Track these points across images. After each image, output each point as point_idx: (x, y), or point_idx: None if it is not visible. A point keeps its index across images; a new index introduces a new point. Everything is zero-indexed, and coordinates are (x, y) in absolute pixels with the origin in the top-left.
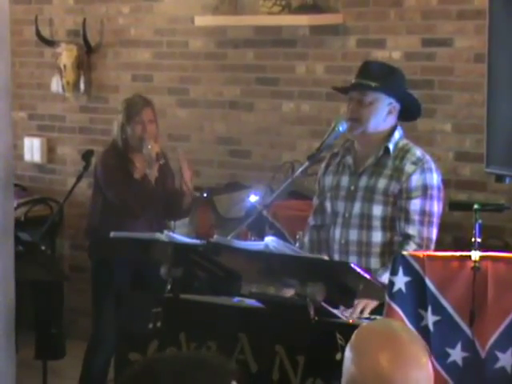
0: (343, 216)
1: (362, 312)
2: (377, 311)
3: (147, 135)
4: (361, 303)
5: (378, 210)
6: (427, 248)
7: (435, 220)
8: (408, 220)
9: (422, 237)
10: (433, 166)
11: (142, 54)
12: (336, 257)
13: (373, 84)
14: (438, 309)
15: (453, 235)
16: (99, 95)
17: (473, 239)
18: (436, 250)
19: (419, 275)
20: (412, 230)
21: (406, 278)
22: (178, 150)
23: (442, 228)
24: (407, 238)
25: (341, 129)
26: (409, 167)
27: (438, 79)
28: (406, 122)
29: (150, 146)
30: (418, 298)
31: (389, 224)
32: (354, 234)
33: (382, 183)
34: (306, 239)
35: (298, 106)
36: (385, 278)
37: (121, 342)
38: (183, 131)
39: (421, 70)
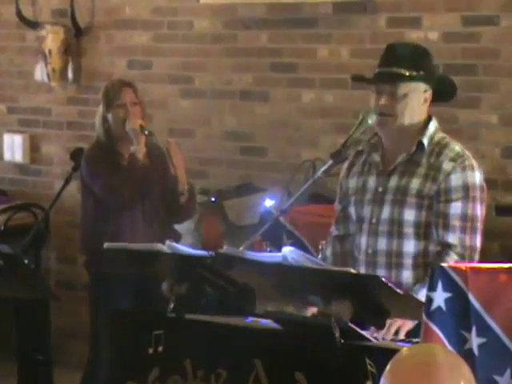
0: (370, 222)
1: (396, 333)
2: (414, 332)
3: (130, 116)
4: (395, 323)
5: (410, 215)
6: (471, 258)
7: (479, 225)
8: (447, 226)
9: (465, 245)
10: (474, 163)
11: (140, 37)
12: (362, 269)
13: (407, 73)
14: (484, 329)
15: (500, 244)
16: (90, 84)
17: None
18: (481, 260)
19: (462, 290)
20: (453, 239)
21: (447, 294)
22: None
23: (488, 235)
24: (447, 247)
25: (370, 121)
26: (447, 165)
27: (482, 63)
28: (445, 114)
29: (132, 121)
30: (460, 317)
31: (423, 231)
32: (382, 243)
33: (415, 184)
34: (329, 252)
35: (320, 95)
36: (422, 295)
37: (117, 369)
38: (187, 125)
39: (462, 52)
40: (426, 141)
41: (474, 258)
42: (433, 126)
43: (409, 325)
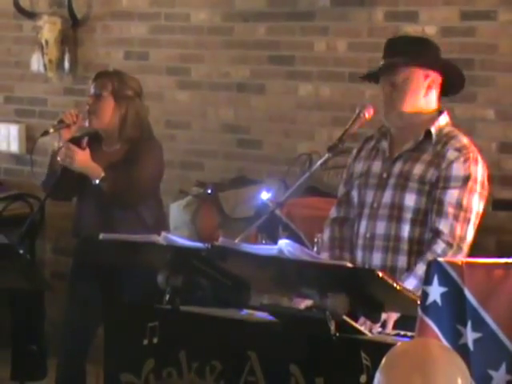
0: (371, 206)
1: (383, 326)
2: (401, 323)
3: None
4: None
5: (410, 200)
6: (459, 248)
7: (473, 218)
8: (440, 213)
9: (454, 234)
10: (479, 158)
11: (137, 28)
12: (359, 253)
13: (401, 60)
14: (479, 324)
15: (496, 239)
16: (86, 75)
17: None
18: (477, 255)
19: (457, 285)
20: (443, 225)
21: (442, 289)
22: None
23: (485, 230)
24: (436, 235)
25: (367, 115)
26: (451, 153)
27: (480, 58)
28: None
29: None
30: (455, 312)
31: (421, 218)
32: (381, 227)
33: (418, 169)
34: (326, 236)
35: (317, 88)
36: (408, 283)
37: (110, 360)
38: (183, 117)
39: (459, 47)
40: (433, 130)
41: (463, 249)
42: (444, 119)
43: (394, 316)
